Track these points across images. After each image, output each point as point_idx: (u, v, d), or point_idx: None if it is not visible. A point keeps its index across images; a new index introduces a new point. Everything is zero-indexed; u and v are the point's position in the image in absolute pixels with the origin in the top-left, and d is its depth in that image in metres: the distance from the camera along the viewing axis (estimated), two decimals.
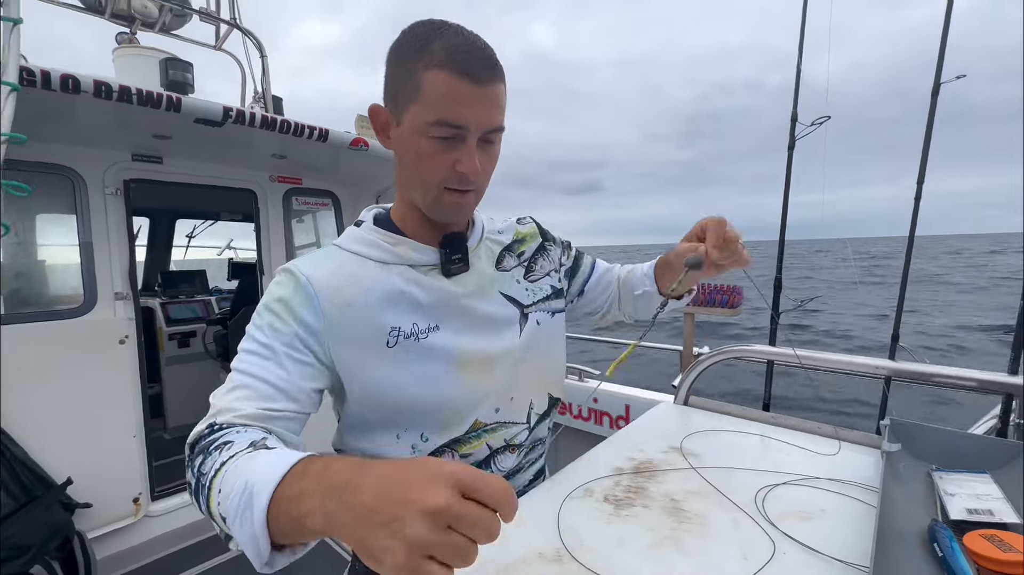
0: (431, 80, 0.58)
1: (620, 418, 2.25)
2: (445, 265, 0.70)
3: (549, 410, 0.83)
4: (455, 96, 0.58)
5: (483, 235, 0.78)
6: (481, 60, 0.59)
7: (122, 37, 2.12)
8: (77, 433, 1.97)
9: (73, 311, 2.01)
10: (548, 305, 0.82)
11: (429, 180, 0.63)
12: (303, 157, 2.48)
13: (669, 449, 0.87)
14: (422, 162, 0.62)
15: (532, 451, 0.81)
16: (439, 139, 0.60)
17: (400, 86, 0.61)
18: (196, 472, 0.50)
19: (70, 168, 1.99)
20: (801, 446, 0.88)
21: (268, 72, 2.38)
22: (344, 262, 0.68)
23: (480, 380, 0.71)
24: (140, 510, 2.14)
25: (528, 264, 0.82)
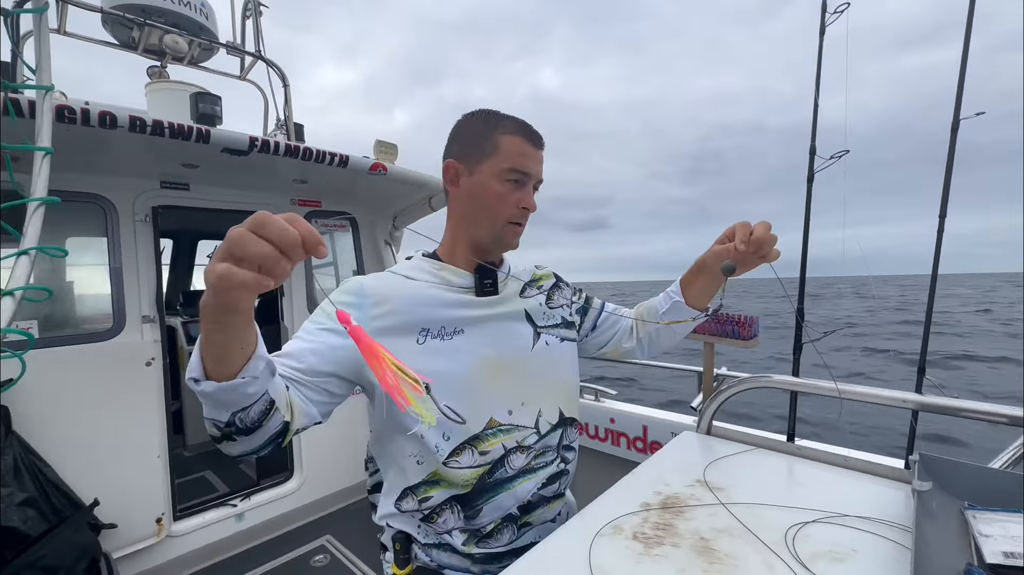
0: (507, 141, 0.83)
1: (638, 439, 2.24)
2: (479, 287, 0.88)
3: (561, 424, 0.92)
4: (525, 153, 0.84)
5: (510, 272, 0.97)
6: (537, 133, 0.86)
7: (153, 70, 2.21)
8: (104, 454, 2.01)
9: (102, 334, 2.07)
10: (558, 332, 0.97)
11: (499, 214, 0.85)
12: (323, 181, 2.55)
13: (695, 482, 0.87)
14: (495, 200, 0.84)
15: (542, 456, 0.89)
16: (510, 182, 0.83)
17: (476, 147, 0.84)
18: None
19: (102, 196, 2.07)
20: (829, 480, 0.88)
21: (290, 101, 2.46)
22: (394, 280, 0.87)
23: (495, 381, 0.84)
24: (163, 530, 2.17)
25: (548, 294, 0.99)
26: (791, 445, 0.97)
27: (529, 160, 0.84)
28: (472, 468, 0.83)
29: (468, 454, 0.82)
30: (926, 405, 0.85)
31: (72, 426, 1.94)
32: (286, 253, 0.49)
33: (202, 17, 2.22)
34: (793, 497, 0.82)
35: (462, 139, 0.87)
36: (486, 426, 0.83)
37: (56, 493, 1.80)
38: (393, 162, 2.41)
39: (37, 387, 1.86)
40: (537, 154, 0.86)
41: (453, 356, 0.82)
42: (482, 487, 0.83)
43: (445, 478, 0.83)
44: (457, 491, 0.83)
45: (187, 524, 2.27)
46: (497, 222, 0.85)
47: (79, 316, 2.13)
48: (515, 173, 0.83)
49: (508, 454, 0.85)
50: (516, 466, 0.86)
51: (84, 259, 2.16)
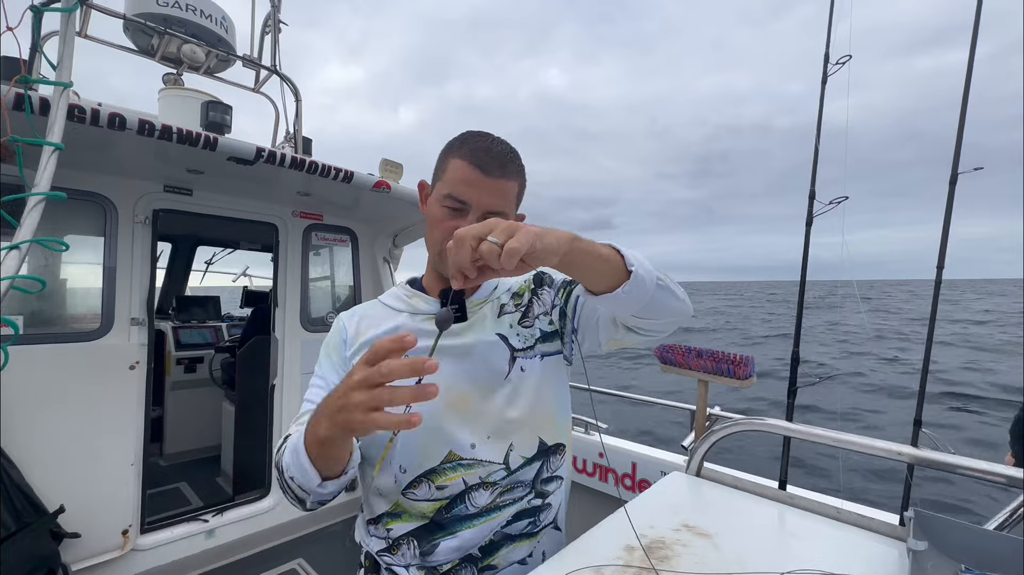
0: (454, 165, 0.79)
1: (626, 475, 2.18)
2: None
3: (540, 455, 0.85)
4: (467, 180, 0.77)
5: (493, 293, 0.91)
6: (495, 159, 0.77)
7: (169, 77, 2.25)
8: (75, 459, 1.94)
9: (89, 334, 2.03)
10: (537, 349, 0.87)
11: (436, 240, 0.81)
12: (326, 195, 2.56)
13: (681, 527, 0.84)
14: (433, 224, 0.81)
15: (509, 492, 0.83)
16: (448, 209, 0.78)
17: (437, 168, 0.83)
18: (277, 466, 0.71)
19: (104, 196, 2.07)
20: (821, 532, 0.84)
21: (301, 115, 2.50)
22: (373, 311, 0.89)
23: (458, 414, 0.80)
24: (128, 543, 2.08)
25: (524, 310, 0.90)
26: (783, 493, 0.94)
27: (471, 188, 0.76)
28: (429, 501, 0.80)
29: (424, 487, 0.80)
30: (922, 460, 0.83)
31: (46, 427, 1.88)
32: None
33: (222, 30, 2.27)
34: (783, 549, 0.79)
35: (439, 160, 0.84)
36: (444, 459, 0.80)
37: (19, 496, 1.73)
38: (398, 181, 2.43)
39: (15, 383, 1.81)
40: (487, 182, 0.76)
41: None
42: (440, 521, 0.80)
43: (406, 510, 0.81)
44: (416, 523, 0.81)
45: (154, 538, 2.18)
46: (435, 247, 0.82)
47: (67, 314, 2.09)
48: (452, 200, 0.77)
49: (470, 490, 0.80)
50: (479, 503, 0.81)
51: (79, 257, 2.14)
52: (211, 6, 2.24)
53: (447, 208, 0.78)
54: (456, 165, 0.78)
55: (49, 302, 2.06)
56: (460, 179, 0.77)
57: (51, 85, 1.14)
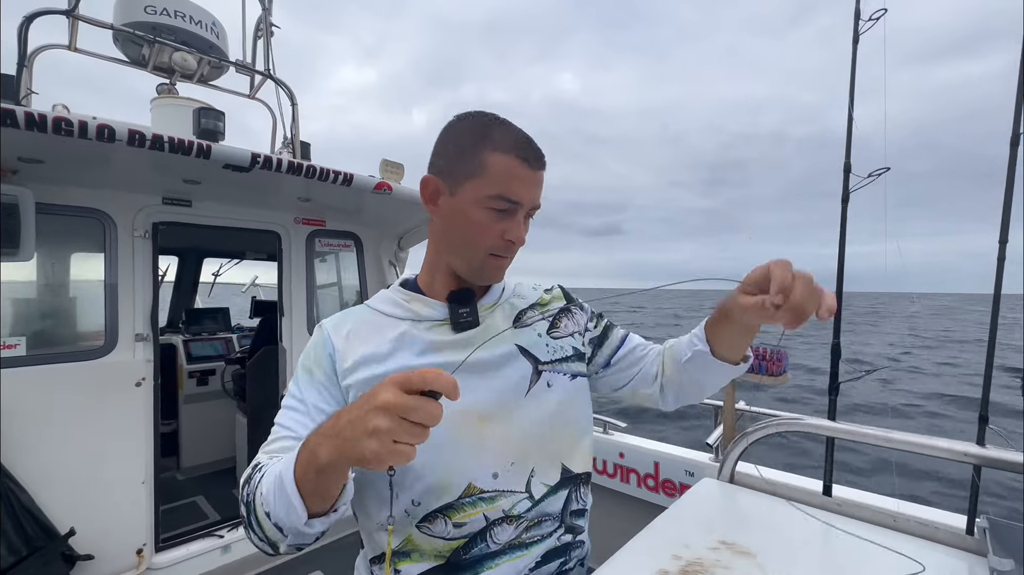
0: (496, 160, 0.68)
1: (648, 476, 2.09)
2: (454, 319, 0.74)
3: (566, 484, 0.76)
4: (517, 176, 0.69)
5: (502, 295, 0.82)
6: (536, 151, 0.71)
7: (162, 88, 2.21)
8: (85, 479, 1.91)
9: (93, 352, 2.00)
10: (568, 367, 0.80)
11: (479, 245, 0.71)
12: (327, 200, 2.51)
13: (719, 544, 0.75)
14: (475, 229, 0.70)
15: (537, 527, 0.73)
16: (495, 211, 0.69)
17: (461, 163, 0.70)
18: (246, 500, 0.60)
19: (102, 211, 2.03)
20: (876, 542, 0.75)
21: (298, 119, 2.45)
22: (365, 319, 0.76)
23: (476, 440, 0.70)
24: (143, 562, 2.05)
25: (552, 320, 0.82)
26: (829, 499, 0.85)
27: (521, 185, 0.69)
28: (445, 540, 0.70)
29: (441, 523, 0.69)
30: (991, 460, 0.73)
31: (54, 448, 1.85)
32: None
33: (212, 36, 2.22)
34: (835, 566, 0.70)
35: (448, 150, 0.72)
36: (463, 494, 0.69)
37: (29, 520, 1.70)
38: (399, 182, 2.36)
39: (21, 406, 1.78)
40: (533, 176, 0.70)
41: None
42: (458, 562, 0.70)
43: (418, 547, 0.70)
44: (430, 564, 0.70)
45: (170, 556, 2.15)
46: (476, 254, 0.71)
47: (71, 333, 2.07)
48: (501, 201, 0.68)
49: (491, 526, 0.70)
50: (501, 540, 0.71)
51: (80, 274, 2.11)
52: (201, 12, 2.19)
53: (494, 210, 0.69)
54: (501, 161, 0.68)
55: (52, 321, 2.03)
56: (511, 176, 0.68)
57: None
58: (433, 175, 0.73)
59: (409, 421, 0.45)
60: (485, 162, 0.68)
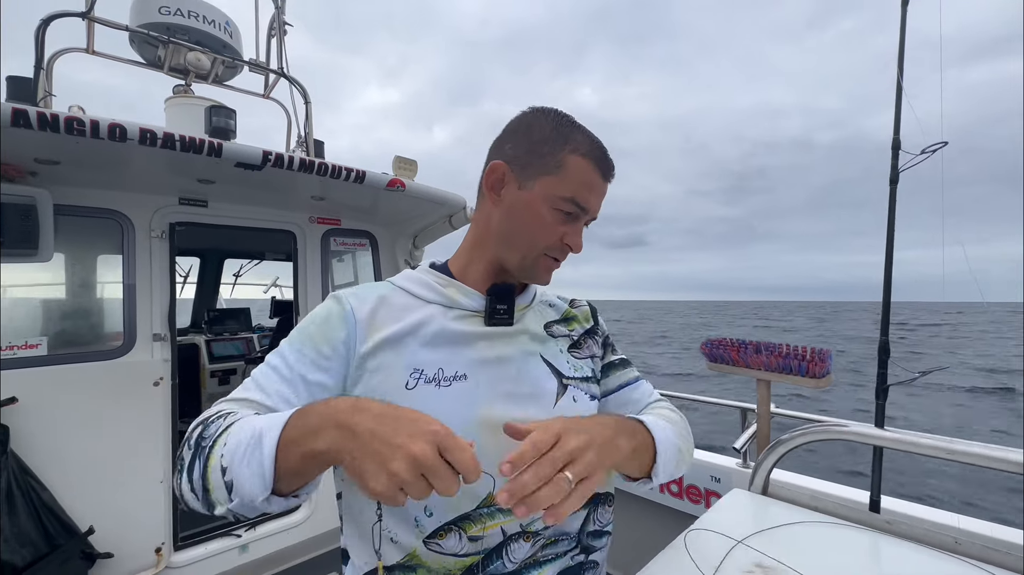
0: (575, 163, 0.67)
1: (672, 481, 2.00)
2: (489, 314, 0.71)
3: (588, 505, 0.71)
4: (590, 183, 0.68)
5: (535, 298, 0.80)
6: (610, 162, 0.70)
7: (178, 88, 2.22)
8: (104, 478, 1.93)
9: (112, 352, 2.02)
10: (587, 387, 0.77)
11: (538, 243, 0.69)
12: (341, 198, 2.49)
13: (755, 568, 0.68)
14: (539, 227, 0.68)
15: (552, 546, 0.68)
16: (563, 212, 0.68)
17: (537, 158, 0.68)
18: (196, 440, 0.55)
19: (120, 212, 2.05)
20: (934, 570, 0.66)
21: (311, 117, 2.43)
22: (390, 297, 0.71)
23: (500, 447, 0.63)
24: (162, 561, 2.06)
25: (576, 340, 0.80)
26: (876, 517, 0.76)
27: (592, 193, 0.69)
28: (457, 557, 0.64)
29: (454, 537, 0.63)
30: None
31: (73, 447, 1.87)
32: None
33: (226, 35, 2.22)
34: None
35: (524, 141, 0.70)
36: (481, 503, 0.64)
37: (50, 518, 1.72)
38: (412, 178, 2.32)
39: (41, 405, 1.81)
40: (604, 187, 0.70)
41: (449, 409, 0.64)
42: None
43: (424, 563, 0.64)
44: None
45: (188, 555, 2.16)
46: (533, 251, 0.70)
47: (90, 333, 2.09)
48: (573, 205, 0.68)
49: (508, 541, 0.66)
50: (518, 558, 0.66)
51: (99, 275, 2.14)
52: (214, 12, 2.19)
53: (562, 212, 0.68)
54: (580, 164, 0.67)
55: (72, 322, 2.06)
56: (586, 183, 0.68)
57: None
58: (502, 162, 0.70)
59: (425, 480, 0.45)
60: (564, 162, 0.67)
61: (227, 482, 0.50)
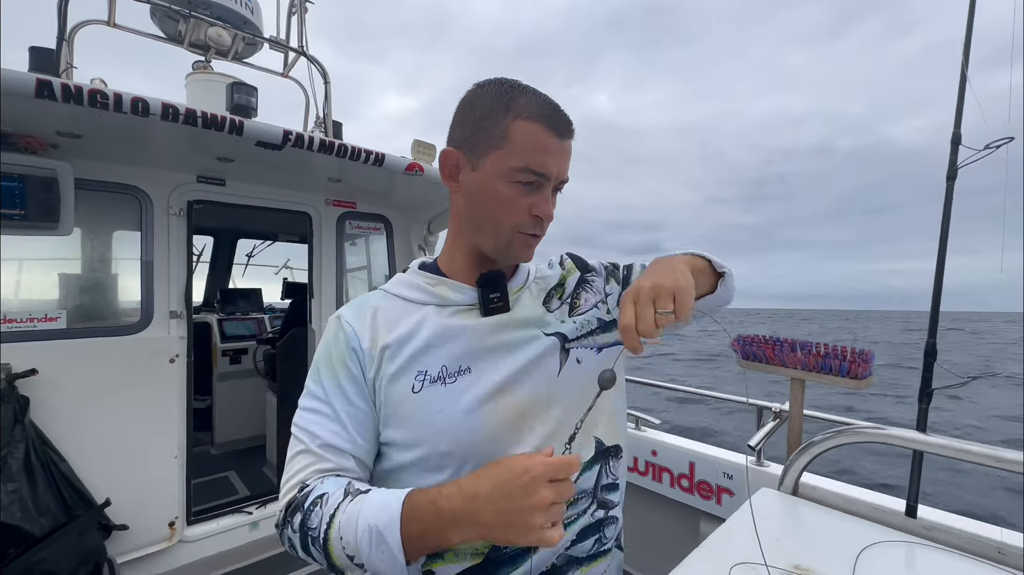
0: (520, 129, 0.63)
1: (683, 476, 1.99)
2: (484, 304, 0.70)
3: (598, 459, 0.74)
4: (542, 146, 0.64)
5: (529, 277, 0.78)
6: (563, 117, 0.66)
7: (197, 65, 2.20)
8: (120, 451, 1.95)
9: (129, 328, 2.03)
10: (594, 340, 0.77)
11: (505, 222, 0.66)
12: (358, 181, 2.47)
13: (792, 568, 0.66)
14: (500, 205, 0.65)
15: (572, 506, 0.70)
16: (521, 184, 0.65)
17: (483, 134, 0.65)
18: (300, 528, 0.58)
19: (139, 188, 2.05)
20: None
21: (330, 98, 2.40)
22: (384, 307, 0.71)
23: (513, 427, 0.67)
24: (175, 535, 2.09)
25: (571, 301, 0.79)
26: (913, 522, 0.74)
27: (549, 156, 0.64)
28: None
29: None
30: None
31: (91, 420, 1.89)
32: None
33: (247, 11, 2.19)
34: None
35: (468, 121, 0.67)
36: None
37: (69, 489, 1.74)
38: (431, 163, 2.30)
39: (61, 377, 1.82)
40: (561, 146, 0.66)
41: (458, 403, 0.65)
42: (497, 559, 0.66)
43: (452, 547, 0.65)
44: (466, 564, 0.66)
45: (201, 529, 2.19)
46: (503, 231, 0.67)
47: (108, 308, 2.10)
48: (528, 173, 0.64)
49: None
50: None
51: (118, 251, 2.14)
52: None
53: (520, 183, 0.64)
54: (526, 129, 0.63)
55: (91, 296, 2.07)
56: (537, 147, 0.63)
57: None
58: (453, 148, 0.69)
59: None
60: (508, 131, 0.63)
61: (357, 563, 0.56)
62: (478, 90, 0.67)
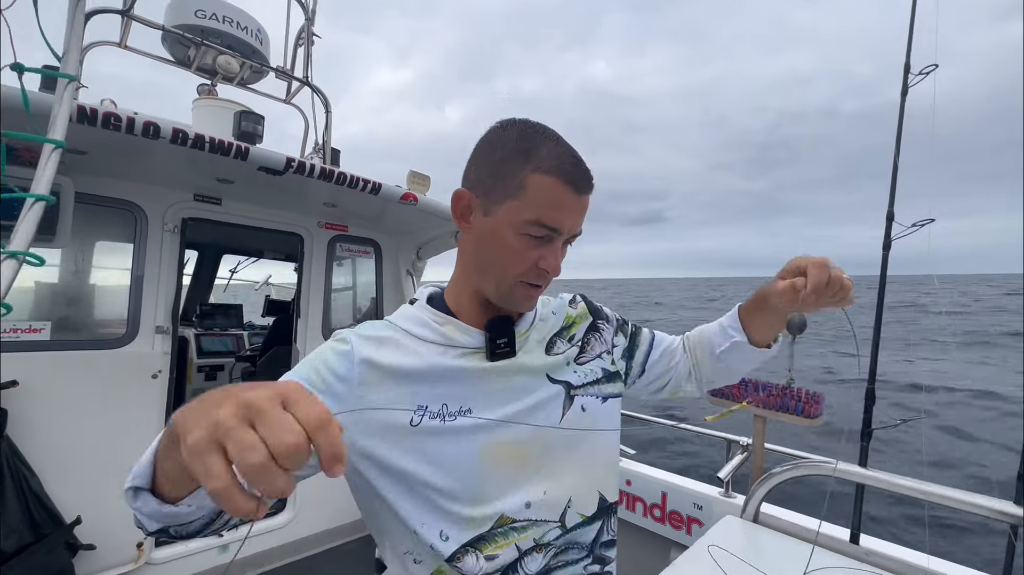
0: (538, 183, 0.62)
1: (655, 506, 2.06)
2: (490, 350, 0.70)
3: (600, 515, 0.74)
4: (558, 202, 0.63)
5: (535, 320, 0.78)
6: (583, 173, 0.65)
7: (203, 88, 2.27)
8: (93, 468, 1.91)
9: (114, 342, 2.02)
10: (598, 389, 0.78)
11: (509, 272, 0.66)
12: (352, 206, 2.54)
13: None
14: (507, 255, 0.65)
15: (563, 554, 0.71)
16: (531, 237, 0.64)
17: (499, 180, 0.64)
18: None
19: (135, 204, 2.08)
20: None
21: (331, 126, 2.50)
22: (391, 338, 0.69)
23: (509, 469, 0.67)
24: (142, 556, 2.03)
25: (580, 346, 0.80)
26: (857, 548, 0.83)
27: (563, 212, 0.64)
28: None
29: (471, 558, 0.65)
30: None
31: (68, 435, 1.86)
32: (283, 465, 0.32)
33: (256, 42, 2.29)
34: None
35: (486, 163, 0.66)
36: (495, 524, 0.66)
37: (38, 506, 1.71)
38: (425, 193, 2.40)
39: (41, 390, 1.80)
40: (577, 202, 0.65)
41: (455, 442, 0.65)
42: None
43: None
44: None
45: (169, 551, 2.14)
46: (505, 279, 0.67)
47: (93, 321, 2.09)
48: (540, 227, 0.63)
49: (523, 556, 0.68)
50: (532, 570, 0.69)
51: (107, 263, 2.14)
52: (247, 18, 2.26)
53: (530, 236, 0.64)
54: (544, 184, 0.62)
55: (76, 309, 2.06)
56: (553, 203, 0.63)
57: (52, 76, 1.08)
58: (467, 190, 0.68)
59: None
60: (526, 183, 0.62)
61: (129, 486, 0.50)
62: (499, 131, 0.66)
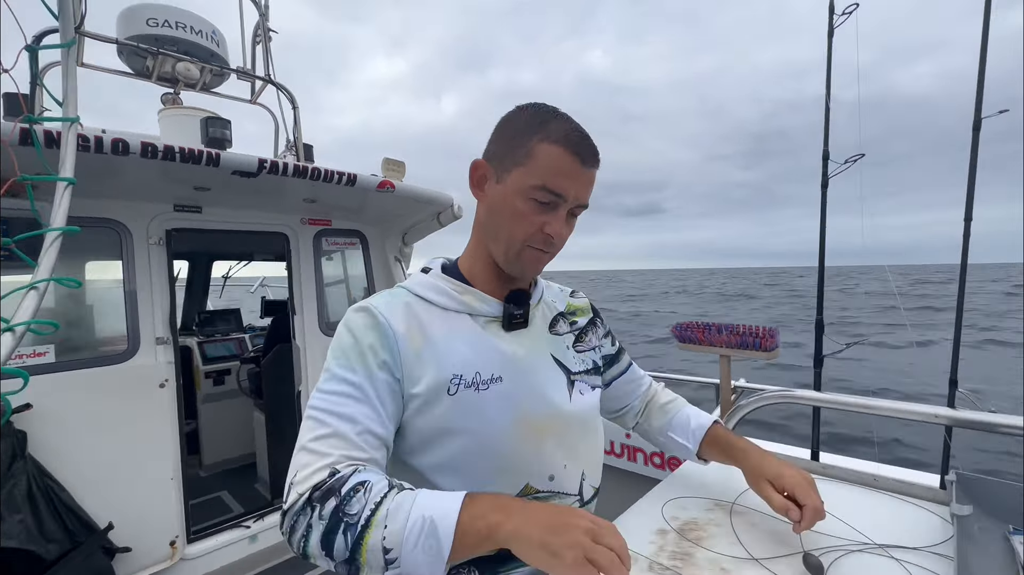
0: (544, 151, 0.67)
1: (655, 454, 2.18)
2: (507, 319, 0.74)
3: (596, 495, 0.80)
4: (562, 169, 0.67)
5: (542, 297, 0.83)
6: (589, 146, 0.69)
7: (167, 97, 2.27)
8: (118, 477, 2.01)
9: (117, 357, 2.09)
10: (590, 379, 0.82)
11: (517, 236, 0.70)
12: (332, 200, 2.57)
13: (714, 506, 0.83)
14: (515, 219, 0.69)
15: None
16: (537, 202, 0.68)
17: (511, 150, 0.69)
18: (332, 514, 0.55)
19: (117, 221, 2.11)
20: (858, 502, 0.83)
21: (299, 123, 2.50)
22: (413, 306, 0.72)
23: (535, 441, 0.71)
24: (176, 553, 2.16)
25: (578, 334, 0.84)
26: (816, 464, 0.92)
27: (567, 180, 0.67)
28: None
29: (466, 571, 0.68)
30: (960, 420, 0.80)
31: (87, 449, 1.95)
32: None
33: (213, 44, 2.27)
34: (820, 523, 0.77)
35: (502, 137, 0.72)
36: (520, 492, 0.70)
37: (71, 517, 1.81)
38: (401, 179, 2.42)
39: (54, 410, 1.88)
40: (583, 173, 0.69)
41: (489, 412, 0.68)
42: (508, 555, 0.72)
43: None
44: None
45: (201, 546, 2.26)
46: (514, 243, 0.70)
47: (95, 339, 2.15)
48: (544, 192, 0.67)
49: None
50: None
51: (100, 283, 2.19)
52: (200, 22, 2.24)
53: (536, 201, 0.68)
54: (550, 152, 0.66)
55: (76, 330, 2.12)
56: (557, 169, 0.66)
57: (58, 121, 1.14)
58: (484, 160, 0.73)
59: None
60: (533, 151, 0.67)
61: (388, 559, 0.53)
62: (517, 110, 0.72)
